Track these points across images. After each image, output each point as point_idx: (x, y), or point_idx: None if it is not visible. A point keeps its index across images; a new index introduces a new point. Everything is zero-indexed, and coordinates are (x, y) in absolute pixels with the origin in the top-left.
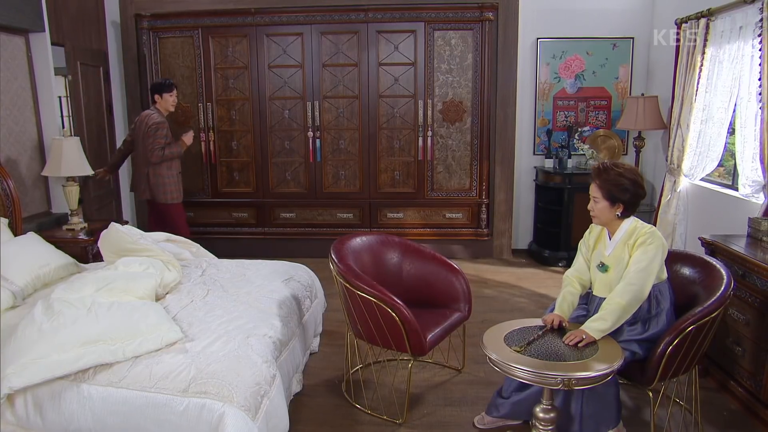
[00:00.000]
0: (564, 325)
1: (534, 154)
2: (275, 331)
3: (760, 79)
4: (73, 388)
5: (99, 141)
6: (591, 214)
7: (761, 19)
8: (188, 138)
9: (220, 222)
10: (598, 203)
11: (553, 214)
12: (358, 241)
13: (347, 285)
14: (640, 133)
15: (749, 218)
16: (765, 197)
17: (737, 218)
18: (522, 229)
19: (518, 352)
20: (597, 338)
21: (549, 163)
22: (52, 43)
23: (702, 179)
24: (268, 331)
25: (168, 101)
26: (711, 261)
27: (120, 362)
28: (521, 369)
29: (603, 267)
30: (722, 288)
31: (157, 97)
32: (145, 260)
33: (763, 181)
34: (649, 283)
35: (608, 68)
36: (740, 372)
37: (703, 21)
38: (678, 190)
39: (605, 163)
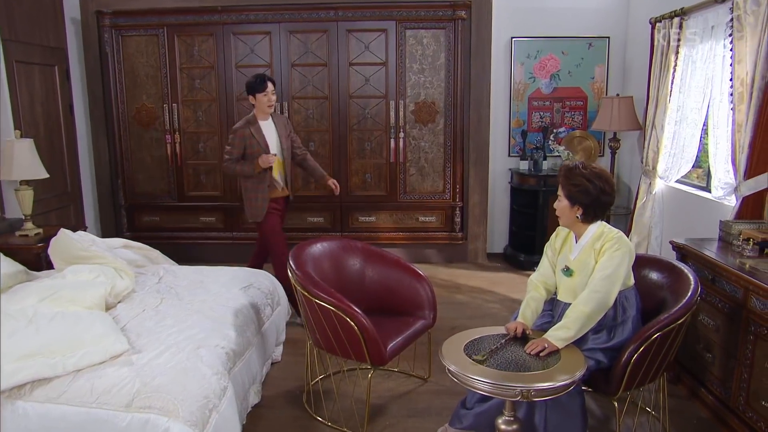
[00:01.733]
0: (527, 333)
1: (509, 155)
2: (228, 341)
3: (731, 80)
4: (7, 405)
5: (53, 142)
6: (556, 212)
7: (731, 19)
8: (263, 160)
9: (187, 227)
10: (560, 202)
11: (528, 217)
12: (319, 247)
13: (305, 293)
14: (615, 134)
15: (720, 221)
16: (736, 200)
17: (712, 221)
18: (497, 232)
19: (478, 362)
20: (560, 347)
21: (524, 165)
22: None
23: (678, 181)
24: (221, 342)
25: (262, 102)
26: (678, 265)
27: (60, 376)
28: (480, 380)
29: (568, 271)
30: (689, 293)
31: (251, 98)
32: (95, 268)
33: (735, 183)
34: (614, 290)
35: (584, 68)
36: (710, 379)
37: (676, 20)
38: (653, 192)
39: (576, 163)
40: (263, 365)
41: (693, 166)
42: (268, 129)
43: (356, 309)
